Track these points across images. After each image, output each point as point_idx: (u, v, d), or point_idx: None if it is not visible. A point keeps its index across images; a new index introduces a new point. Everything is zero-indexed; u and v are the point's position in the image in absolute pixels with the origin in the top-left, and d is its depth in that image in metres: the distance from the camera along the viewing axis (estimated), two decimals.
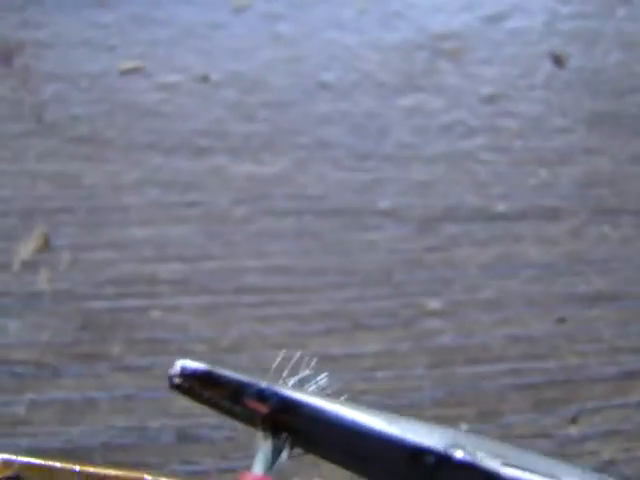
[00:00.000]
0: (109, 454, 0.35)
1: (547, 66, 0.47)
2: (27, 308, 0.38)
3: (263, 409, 0.20)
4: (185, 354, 0.37)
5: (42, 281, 0.39)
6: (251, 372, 0.21)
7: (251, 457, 0.23)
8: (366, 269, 0.40)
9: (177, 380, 0.20)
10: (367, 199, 0.42)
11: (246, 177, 0.42)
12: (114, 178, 0.42)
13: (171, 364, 0.36)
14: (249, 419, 0.20)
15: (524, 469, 0.20)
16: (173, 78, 0.45)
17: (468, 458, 0.20)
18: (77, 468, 0.27)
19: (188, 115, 0.44)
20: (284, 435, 0.20)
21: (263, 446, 0.19)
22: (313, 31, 0.48)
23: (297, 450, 0.20)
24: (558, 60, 0.48)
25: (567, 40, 0.48)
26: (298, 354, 0.21)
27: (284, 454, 0.20)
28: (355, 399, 0.21)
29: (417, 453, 0.20)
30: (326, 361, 0.30)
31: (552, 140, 0.45)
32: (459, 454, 0.20)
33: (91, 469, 0.27)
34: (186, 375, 0.20)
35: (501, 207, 0.42)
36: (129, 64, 0.46)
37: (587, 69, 0.48)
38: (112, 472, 0.27)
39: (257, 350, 0.37)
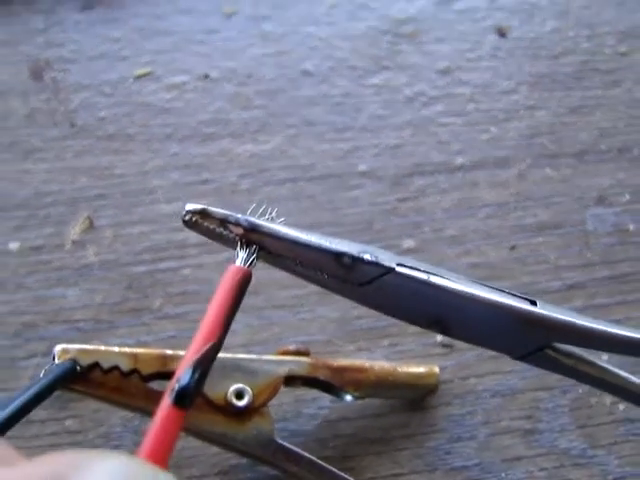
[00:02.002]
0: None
1: (492, 38, 0.56)
2: (81, 278, 0.46)
3: (239, 230, 0.31)
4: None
5: (91, 255, 0.47)
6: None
7: None
8: (352, 221, 0.49)
9: (187, 216, 0.30)
10: (348, 164, 0.51)
11: (248, 155, 0.51)
12: (140, 166, 0.50)
13: (202, 311, 0.45)
14: (232, 242, 0.31)
15: (416, 269, 0.30)
16: (179, 79, 0.54)
17: (372, 258, 0.31)
18: (116, 349, 0.37)
19: (195, 108, 0.52)
20: (254, 247, 0.31)
21: (241, 253, 0.30)
22: (293, 28, 0.56)
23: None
24: (501, 32, 0.56)
25: (508, 14, 0.57)
26: (265, 205, 0.32)
27: (254, 260, 0.31)
28: None
29: (339, 255, 0.31)
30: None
31: (499, 101, 0.53)
32: (367, 256, 0.31)
33: (126, 349, 0.37)
34: (192, 211, 0.31)
35: (459, 160, 0.51)
36: (141, 70, 0.54)
37: (526, 38, 0.56)
38: (142, 350, 0.37)
39: (271, 290, 0.46)
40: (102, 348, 0.36)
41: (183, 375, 0.27)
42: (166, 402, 0.27)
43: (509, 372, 0.44)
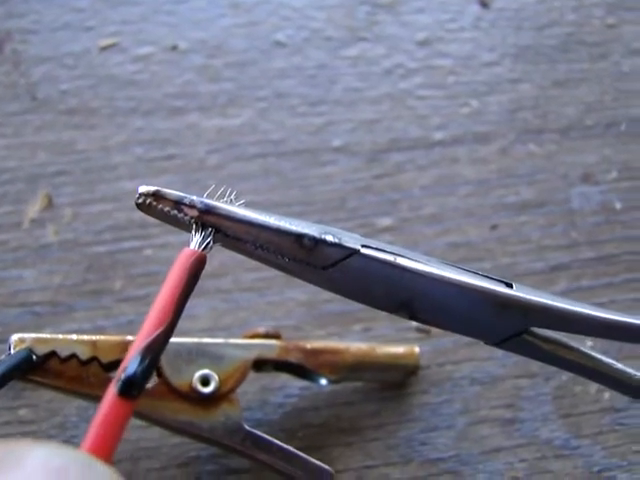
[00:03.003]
0: None
1: (474, 8, 0.53)
2: (39, 258, 0.44)
3: (194, 212, 0.29)
4: None
5: (49, 234, 0.45)
6: None
7: None
8: (324, 198, 0.46)
9: (140, 199, 0.29)
10: (321, 139, 0.48)
11: (216, 130, 0.49)
12: (103, 141, 0.48)
13: None
14: (187, 226, 0.29)
15: (382, 251, 0.28)
16: (146, 50, 0.51)
17: (335, 240, 0.29)
18: (74, 337, 0.35)
19: (162, 81, 0.50)
20: (209, 230, 0.29)
21: (196, 236, 0.28)
22: None
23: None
24: (483, 2, 0.53)
25: None
26: (222, 188, 0.30)
27: (210, 243, 0.29)
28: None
29: (299, 237, 0.29)
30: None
31: (481, 74, 0.51)
32: (329, 237, 0.29)
33: (85, 337, 0.35)
34: (145, 193, 0.29)
35: (438, 135, 0.49)
36: (106, 41, 0.52)
37: (510, 8, 0.53)
38: (102, 337, 0.35)
39: (237, 271, 0.43)
40: (60, 336, 0.35)
41: (130, 364, 0.25)
42: (111, 392, 0.25)
43: (488, 358, 0.42)
